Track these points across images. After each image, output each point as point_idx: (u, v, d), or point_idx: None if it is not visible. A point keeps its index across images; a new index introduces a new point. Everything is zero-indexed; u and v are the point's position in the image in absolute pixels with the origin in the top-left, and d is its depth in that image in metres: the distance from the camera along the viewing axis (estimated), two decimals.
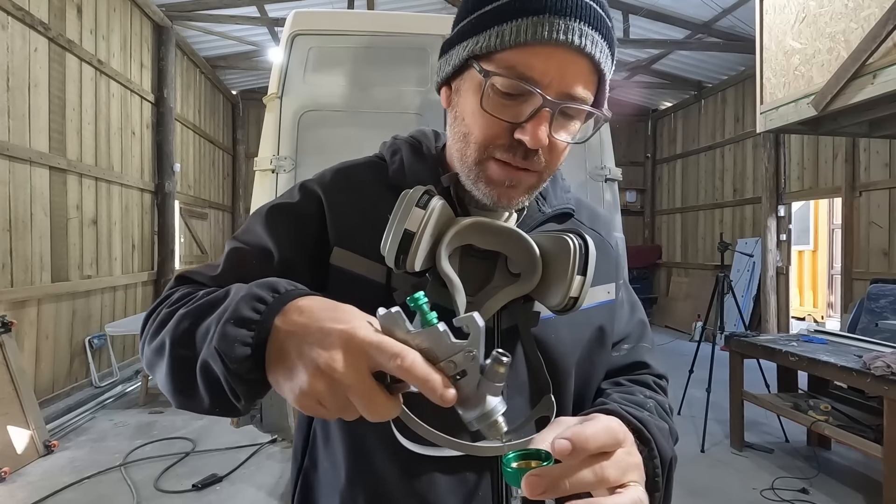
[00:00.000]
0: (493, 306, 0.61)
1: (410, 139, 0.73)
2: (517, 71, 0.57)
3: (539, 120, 0.57)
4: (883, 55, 2.67)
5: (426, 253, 0.57)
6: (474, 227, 0.61)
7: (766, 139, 6.57)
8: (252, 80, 8.82)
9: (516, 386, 0.64)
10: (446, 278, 0.59)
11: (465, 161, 0.63)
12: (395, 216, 0.57)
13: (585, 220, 0.77)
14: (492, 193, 0.61)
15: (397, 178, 0.68)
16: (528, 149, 0.58)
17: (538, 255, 0.61)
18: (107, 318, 5.08)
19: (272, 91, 2.38)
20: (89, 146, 4.82)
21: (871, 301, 4.31)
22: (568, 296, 0.58)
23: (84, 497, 2.89)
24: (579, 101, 0.59)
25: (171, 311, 0.56)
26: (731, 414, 3.62)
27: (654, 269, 9.68)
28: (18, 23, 3.88)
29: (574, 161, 2.42)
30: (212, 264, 0.67)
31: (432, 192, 0.59)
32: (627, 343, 0.79)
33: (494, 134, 0.59)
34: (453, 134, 0.65)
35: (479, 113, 0.60)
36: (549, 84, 0.57)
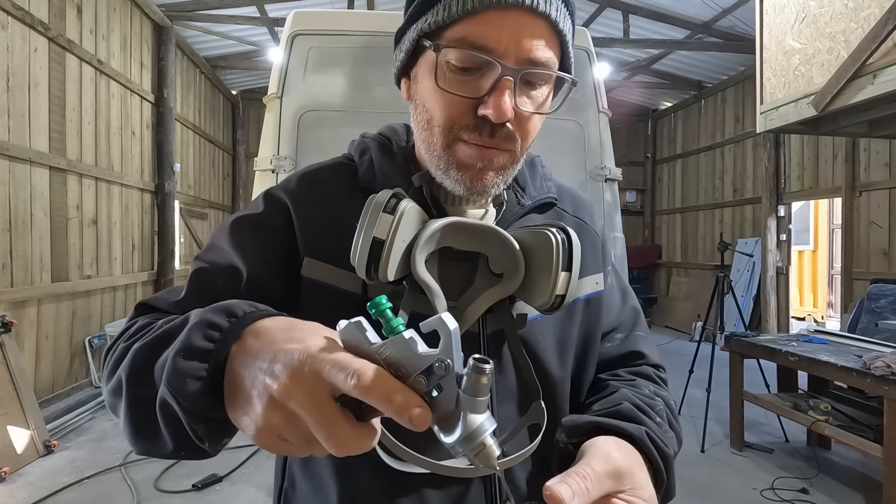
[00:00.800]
0: (477, 310, 0.58)
1: (379, 137, 0.69)
2: (469, 41, 0.53)
3: (500, 91, 0.53)
4: (883, 55, 2.67)
5: (399, 260, 0.53)
6: (450, 228, 0.57)
7: (766, 139, 6.57)
8: (252, 80, 8.82)
9: (506, 392, 0.61)
10: (424, 285, 0.55)
11: (432, 150, 0.59)
12: (362, 223, 0.53)
13: (568, 207, 0.74)
14: (464, 178, 0.58)
15: (367, 180, 0.65)
16: (494, 125, 0.55)
17: (519, 253, 0.58)
18: (107, 318, 5.08)
19: (272, 91, 2.38)
20: (89, 146, 4.82)
21: (871, 301, 4.31)
22: (554, 294, 0.55)
23: (84, 497, 2.89)
24: (542, 66, 0.55)
25: (127, 345, 0.49)
26: (731, 414, 3.62)
27: (654, 269, 9.68)
28: (18, 23, 3.88)
29: (574, 161, 2.42)
30: (175, 289, 0.61)
31: (400, 194, 0.55)
32: (620, 332, 0.75)
33: (457, 114, 0.56)
34: (417, 125, 0.62)
35: (437, 93, 0.56)
36: (505, 51, 0.53)
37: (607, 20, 6.86)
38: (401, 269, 0.54)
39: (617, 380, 0.70)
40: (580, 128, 2.46)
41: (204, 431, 0.40)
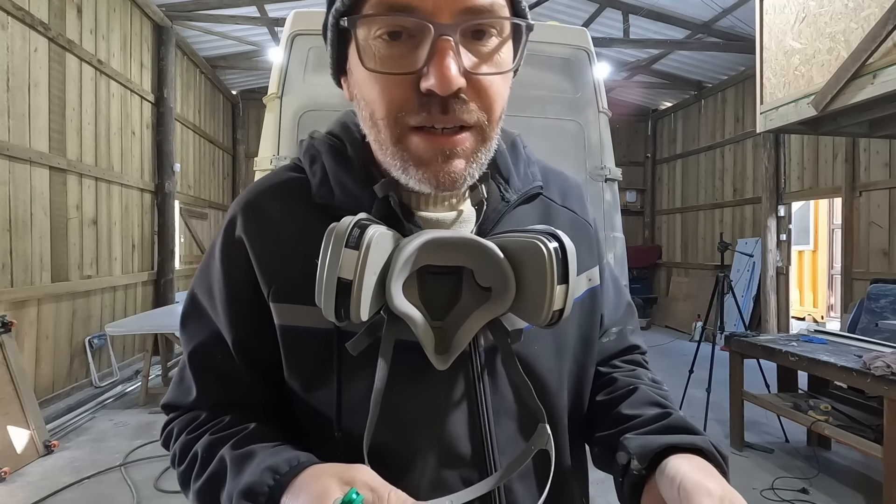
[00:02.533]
0: (467, 334, 0.52)
1: (330, 140, 0.60)
2: (388, 4, 0.46)
3: (440, 55, 0.44)
4: (883, 55, 2.67)
5: (371, 299, 0.47)
6: (426, 246, 0.49)
7: (766, 139, 6.57)
8: (252, 80, 8.82)
9: (504, 410, 0.56)
10: (405, 317, 0.49)
11: (384, 148, 0.51)
12: (323, 262, 0.46)
13: (556, 196, 0.66)
14: (428, 177, 0.50)
15: (323, 195, 0.56)
16: (445, 99, 0.46)
17: (508, 267, 0.51)
18: (107, 318, 5.08)
19: (272, 91, 2.38)
20: (89, 146, 4.82)
21: (871, 301, 4.31)
22: (551, 311, 0.49)
23: (84, 497, 2.89)
24: (485, 14, 0.46)
25: (184, 470, 0.56)
26: (731, 414, 3.62)
27: (654, 269, 9.68)
28: (18, 23, 3.88)
29: (574, 161, 2.42)
30: (184, 383, 0.60)
31: (364, 223, 0.47)
32: (616, 327, 0.73)
33: (397, 96, 0.48)
34: (364, 125, 0.54)
35: (370, 79, 0.49)
36: (434, 5, 0.45)
37: (607, 20, 6.86)
38: (375, 303, 0.48)
39: (618, 371, 0.69)
40: (580, 128, 2.46)
41: None
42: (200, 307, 0.60)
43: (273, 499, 0.46)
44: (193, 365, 0.60)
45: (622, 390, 0.65)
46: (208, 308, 0.59)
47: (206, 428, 0.57)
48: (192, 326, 0.61)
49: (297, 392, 0.56)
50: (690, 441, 0.52)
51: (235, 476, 0.49)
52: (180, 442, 0.58)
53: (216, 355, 0.58)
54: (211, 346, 0.59)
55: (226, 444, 0.53)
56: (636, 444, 0.54)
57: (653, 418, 0.58)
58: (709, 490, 0.44)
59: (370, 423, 0.50)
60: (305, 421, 0.57)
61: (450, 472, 0.54)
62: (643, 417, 0.59)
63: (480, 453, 0.55)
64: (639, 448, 0.53)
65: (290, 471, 0.47)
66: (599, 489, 0.81)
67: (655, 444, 0.52)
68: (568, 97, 2.42)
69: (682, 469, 0.48)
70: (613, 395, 0.65)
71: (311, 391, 0.55)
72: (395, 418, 0.53)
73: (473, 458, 0.55)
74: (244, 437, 0.53)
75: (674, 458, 0.50)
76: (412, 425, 0.54)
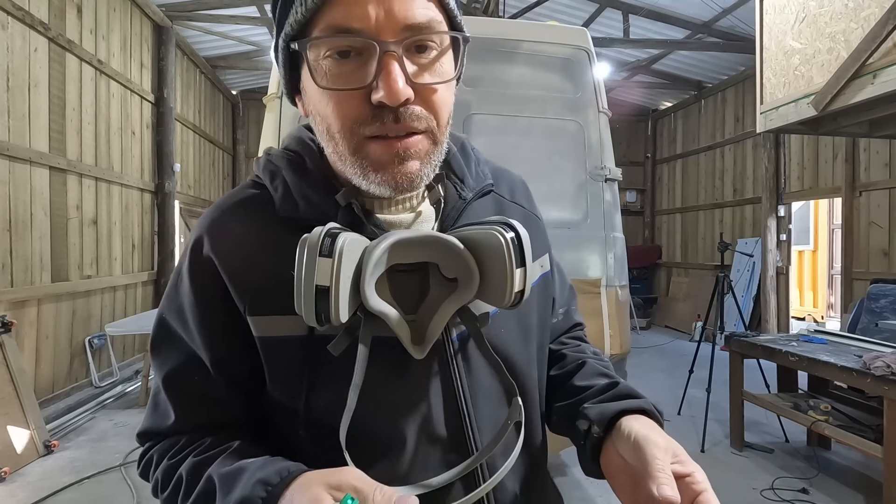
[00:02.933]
0: (439, 323, 0.55)
1: (288, 154, 0.62)
2: (335, 27, 0.50)
3: (387, 69, 0.49)
4: (883, 55, 2.67)
5: (348, 301, 0.50)
6: (393, 247, 0.53)
7: (766, 139, 6.57)
8: (252, 80, 8.82)
9: (480, 392, 0.60)
10: (380, 314, 0.52)
11: (343, 159, 0.55)
12: (299, 272, 0.49)
13: (506, 193, 0.72)
14: (387, 179, 0.53)
15: (287, 209, 0.58)
16: (396, 109, 0.50)
17: (470, 257, 0.55)
18: (107, 318, 5.09)
19: (272, 91, 2.38)
20: (89, 146, 4.82)
21: (871, 301, 4.31)
22: (513, 292, 0.53)
23: (84, 497, 2.89)
24: (424, 30, 0.51)
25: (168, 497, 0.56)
26: (731, 414, 3.62)
27: (654, 269, 9.68)
28: (18, 23, 3.88)
29: (574, 161, 2.42)
30: (160, 406, 0.61)
31: (334, 232, 0.50)
32: (562, 307, 0.81)
33: (351, 110, 0.52)
34: (320, 138, 0.57)
35: (324, 96, 0.53)
36: (377, 26, 0.49)
37: (607, 20, 6.86)
38: (351, 304, 0.51)
39: (566, 348, 0.77)
40: (580, 128, 2.46)
41: None
42: (171, 331, 0.61)
43: None
44: (169, 389, 0.60)
45: (572, 364, 0.73)
46: (181, 331, 0.60)
47: (189, 451, 0.57)
48: (164, 351, 0.61)
49: (278, 399, 0.58)
50: (637, 405, 0.61)
51: (226, 494, 0.50)
52: (162, 468, 0.58)
53: (193, 377, 0.59)
54: (187, 369, 0.59)
55: (211, 463, 0.54)
56: (594, 412, 0.61)
57: (603, 388, 0.65)
58: (656, 442, 0.53)
59: (347, 412, 0.52)
60: (288, 428, 0.58)
61: (433, 455, 0.57)
62: (594, 388, 0.66)
63: (461, 434, 0.59)
64: (597, 415, 0.60)
65: (282, 482, 0.48)
66: (600, 489, 0.82)
67: (611, 411, 0.60)
68: (568, 97, 2.42)
69: (634, 427, 0.56)
70: (565, 369, 0.73)
71: (293, 397, 0.57)
72: (378, 410, 0.56)
73: (454, 440, 0.58)
74: (229, 455, 0.54)
75: (625, 420, 0.58)
76: (394, 414, 0.57)
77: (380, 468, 0.53)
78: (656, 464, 0.51)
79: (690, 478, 0.51)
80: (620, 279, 2.43)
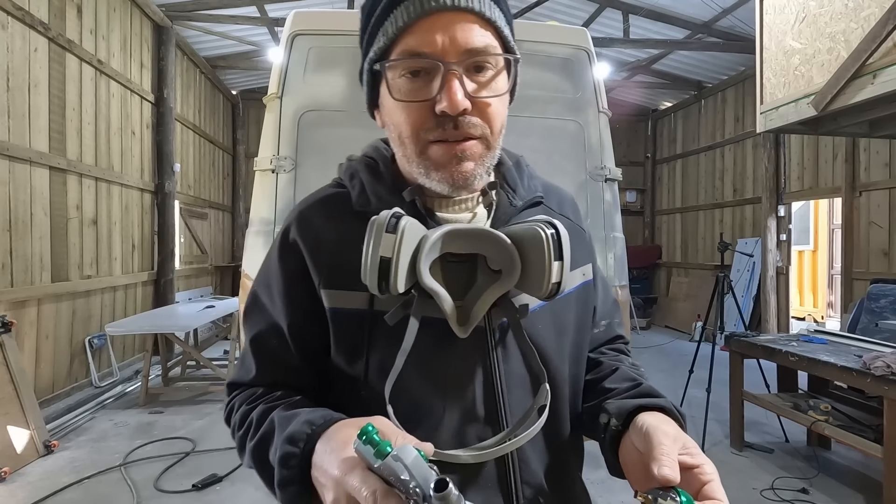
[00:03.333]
0: (482, 307, 0.63)
1: (366, 160, 0.74)
2: (409, 51, 0.61)
3: (449, 84, 0.59)
4: (883, 55, 2.67)
5: (406, 273, 0.59)
6: (448, 235, 0.62)
7: (766, 139, 6.57)
8: (252, 80, 8.82)
9: (516, 378, 0.67)
10: (431, 291, 0.61)
11: (410, 161, 0.65)
12: (367, 245, 0.58)
13: (555, 206, 0.79)
14: (445, 177, 0.63)
15: (361, 204, 0.69)
16: (455, 118, 0.60)
17: (514, 250, 0.62)
18: (107, 318, 5.09)
19: (272, 91, 2.38)
20: (89, 146, 4.82)
21: (871, 301, 4.32)
22: (550, 282, 0.60)
23: (84, 497, 2.89)
24: (480, 53, 0.61)
25: (241, 434, 0.66)
26: (731, 414, 3.62)
27: (654, 269, 9.68)
28: (18, 23, 3.88)
29: (574, 161, 2.42)
30: (245, 364, 0.72)
31: (399, 214, 0.60)
32: (605, 320, 0.86)
33: (419, 119, 0.62)
34: (393, 144, 0.68)
35: (397, 107, 0.63)
36: (443, 50, 0.60)
37: (607, 20, 6.86)
38: (408, 280, 0.59)
39: (604, 357, 0.82)
40: (580, 128, 2.46)
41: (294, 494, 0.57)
42: (260, 302, 0.72)
43: (310, 444, 0.56)
44: (253, 350, 0.71)
45: (606, 370, 0.78)
46: (267, 302, 0.71)
47: (262, 400, 0.68)
48: (252, 318, 0.73)
49: (339, 366, 0.67)
50: (656, 402, 0.65)
51: (282, 431, 0.59)
52: (240, 412, 0.69)
53: (272, 341, 0.70)
54: (268, 334, 0.70)
55: (276, 410, 0.64)
56: (614, 406, 0.67)
57: (627, 388, 0.71)
58: (665, 431, 0.57)
59: (393, 371, 0.61)
60: (344, 394, 0.68)
61: (467, 428, 0.65)
62: (620, 389, 0.72)
63: (494, 414, 0.65)
64: (616, 410, 0.66)
65: (325, 423, 0.57)
66: (599, 489, 0.83)
67: (629, 405, 0.65)
68: (568, 97, 2.42)
69: (648, 420, 0.61)
70: (599, 374, 0.79)
71: (350, 363, 0.66)
72: (423, 381, 0.64)
73: (487, 418, 0.65)
74: (291, 405, 0.64)
75: (642, 415, 0.63)
76: (436, 386, 0.65)
77: (419, 434, 0.58)
78: (661, 448, 0.55)
79: (699, 469, 0.54)
80: (620, 279, 2.42)
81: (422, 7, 0.60)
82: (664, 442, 0.55)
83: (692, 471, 0.54)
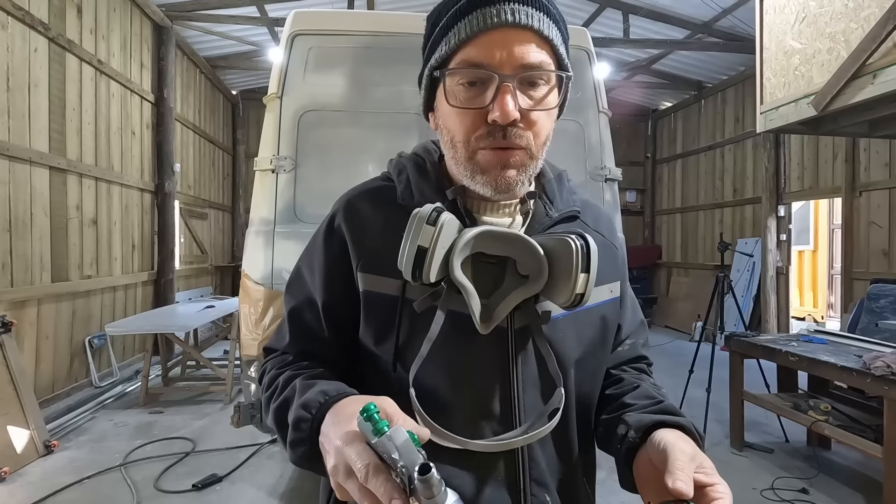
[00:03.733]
0: (506, 308, 0.66)
1: (415, 157, 0.78)
2: (469, 62, 0.64)
3: (502, 96, 0.62)
4: (883, 55, 2.67)
5: (439, 265, 0.62)
6: (483, 235, 0.64)
7: (766, 139, 6.57)
8: (252, 80, 8.82)
9: (530, 380, 0.69)
10: (460, 286, 0.64)
11: (458, 163, 0.68)
12: (407, 234, 0.62)
13: (590, 222, 0.81)
14: (489, 180, 0.66)
15: (406, 198, 0.73)
16: (505, 128, 0.63)
17: (543, 257, 0.65)
18: (107, 318, 5.08)
19: (272, 91, 2.38)
20: (89, 146, 4.82)
21: (871, 301, 4.32)
22: (574, 292, 0.63)
23: (84, 497, 2.89)
24: (534, 68, 0.64)
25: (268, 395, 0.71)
26: (731, 414, 3.62)
27: (654, 269, 9.68)
28: (18, 23, 3.88)
29: (574, 161, 2.42)
30: (282, 329, 0.78)
31: (440, 209, 0.63)
32: (630, 339, 0.87)
33: (471, 125, 0.65)
34: (444, 145, 0.71)
35: (452, 113, 0.67)
36: (500, 63, 0.63)
37: (607, 20, 6.86)
38: (440, 271, 0.62)
39: (626, 374, 0.84)
40: (580, 128, 2.46)
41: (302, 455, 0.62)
42: (302, 277, 0.78)
43: (321, 412, 0.60)
44: (290, 320, 0.77)
45: (627, 386, 0.80)
46: (308, 278, 0.77)
47: (290, 367, 0.73)
48: (294, 290, 0.79)
49: (367, 346, 0.71)
50: (676, 420, 0.67)
51: (300, 397, 0.64)
52: (269, 375, 0.74)
53: (307, 315, 0.75)
54: (304, 307, 0.76)
55: (300, 377, 0.69)
56: (634, 419, 0.69)
57: (649, 404, 0.73)
58: (683, 449, 0.59)
59: (418, 358, 0.64)
60: (369, 372, 0.72)
61: (483, 423, 0.67)
62: (640, 404, 0.73)
63: (508, 412, 0.68)
64: (636, 422, 0.68)
65: (337, 395, 0.61)
66: (599, 489, 0.82)
67: (649, 420, 0.67)
68: (568, 97, 2.42)
69: (666, 437, 0.62)
70: (619, 389, 0.80)
71: (378, 343, 0.70)
72: (443, 371, 0.67)
73: (502, 415, 0.68)
74: (314, 375, 0.69)
75: (661, 431, 0.64)
76: (456, 378, 0.68)
77: (436, 420, 0.63)
78: (677, 463, 0.57)
79: (712, 488, 0.56)
80: None
81: (485, 21, 0.63)
82: (680, 458, 0.57)
83: (705, 489, 0.56)
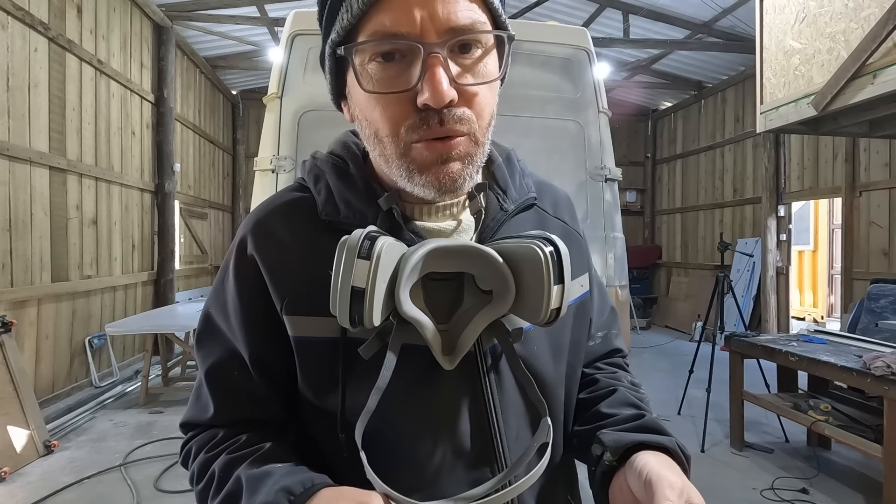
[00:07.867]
0: (472, 334, 0.54)
1: (332, 159, 0.63)
2: (380, 32, 0.50)
3: (431, 71, 0.48)
4: (883, 55, 2.67)
5: (382, 305, 0.50)
6: (431, 255, 0.52)
7: (766, 139, 6.57)
8: (252, 80, 8.82)
9: (512, 408, 0.59)
10: (413, 321, 0.52)
11: (389, 162, 0.55)
12: (336, 273, 0.49)
13: (549, 208, 0.70)
14: (429, 180, 0.53)
15: (329, 212, 0.59)
16: (440, 111, 0.50)
17: (507, 270, 0.54)
18: (107, 318, 5.08)
19: (272, 91, 2.38)
20: (89, 146, 4.82)
21: (871, 301, 4.31)
22: (548, 309, 0.52)
23: (84, 497, 2.89)
24: (466, 31, 0.50)
25: (202, 489, 0.57)
26: (731, 414, 3.62)
27: (654, 269, 9.68)
28: (18, 23, 3.88)
29: (574, 161, 2.42)
30: (201, 398, 0.62)
31: (373, 235, 0.50)
32: (602, 331, 0.78)
33: (397, 114, 0.51)
34: (367, 142, 0.57)
35: (370, 100, 0.52)
36: (422, 29, 0.49)
37: (607, 20, 6.86)
38: (385, 309, 0.51)
39: (600, 373, 0.74)
40: (580, 128, 2.46)
41: None
42: (215, 326, 0.62)
43: None
44: (210, 382, 0.62)
45: (603, 390, 0.70)
46: (223, 326, 0.61)
47: (224, 447, 0.58)
48: (207, 345, 0.63)
49: (308, 399, 0.58)
50: (658, 441, 0.57)
51: (251, 496, 0.51)
52: (199, 461, 0.59)
53: (232, 371, 0.60)
54: (227, 364, 0.61)
55: (242, 463, 0.55)
56: (610, 438, 0.59)
57: (628, 418, 0.63)
58: (671, 482, 0.50)
59: (365, 413, 0.52)
60: (315, 428, 0.60)
61: (461, 469, 0.56)
62: (619, 416, 0.63)
63: (489, 451, 0.57)
64: (612, 443, 0.58)
65: (305, 492, 0.49)
66: None
67: (627, 440, 0.57)
68: (568, 97, 2.42)
69: (650, 463, 0.53)
70: (594, 394, 0.70)
71: (320, 397, 0.58)
72: (404, 418, 0.56)
73: (483, 456, 0.57)
74: (260, 457, 0.55)
75: (642, 454, 0.55)
76: (420, 423, 0.56)
77: (403, 476, 0.53)
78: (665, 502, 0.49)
79: None
80: (620, 279, 2.43)
81: None
82: (669, 497, 0.49)
83: None
